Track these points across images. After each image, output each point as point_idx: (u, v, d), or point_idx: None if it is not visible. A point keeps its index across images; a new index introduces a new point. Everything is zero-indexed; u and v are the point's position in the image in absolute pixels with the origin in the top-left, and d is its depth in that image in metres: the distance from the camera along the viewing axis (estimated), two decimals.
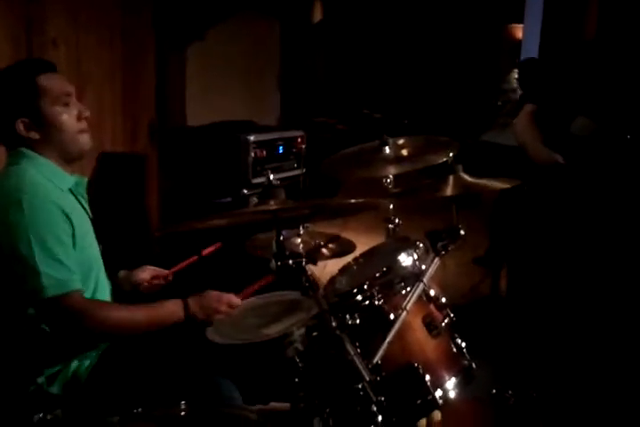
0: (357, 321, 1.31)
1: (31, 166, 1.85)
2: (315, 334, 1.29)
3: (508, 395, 1.80)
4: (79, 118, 1.92)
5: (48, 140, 1.87)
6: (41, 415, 1.06)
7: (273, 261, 1.28)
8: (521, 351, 2.88)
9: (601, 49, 2.89)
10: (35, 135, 1.86)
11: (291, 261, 1.26)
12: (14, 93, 1.86)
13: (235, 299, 1.98)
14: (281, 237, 1.30)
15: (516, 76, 4.65)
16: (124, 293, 2.12)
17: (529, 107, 2.95)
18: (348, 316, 1.30)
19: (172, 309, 1.91)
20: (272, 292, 2.07)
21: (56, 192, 1.86)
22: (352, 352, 1.23)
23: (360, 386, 1.21)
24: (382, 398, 1.20)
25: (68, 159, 1.94)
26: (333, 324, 1.25)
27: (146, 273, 2.19)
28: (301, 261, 1.27)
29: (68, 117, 1.89)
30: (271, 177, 1.55)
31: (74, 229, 1.85)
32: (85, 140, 1.94)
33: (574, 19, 3.62)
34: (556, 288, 3.17)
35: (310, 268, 2.07)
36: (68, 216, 1.83)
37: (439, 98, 5.99)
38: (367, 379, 1.20)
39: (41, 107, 1.85)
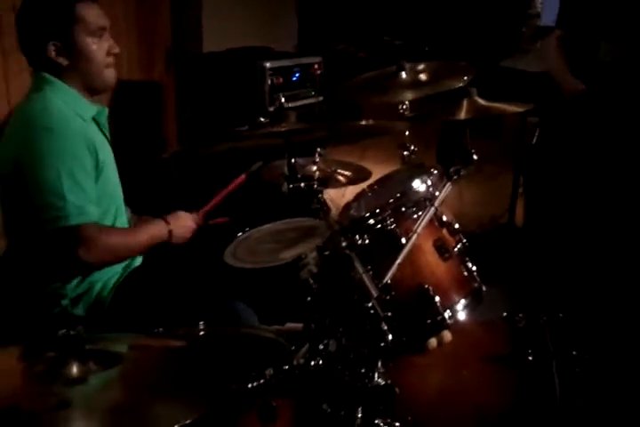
0: (367, 241, 1.34)
1: (54, 94, 1.86)
2: (326, 253, 1.31)
3: (518, 318, 1.83)
4: (108, 53, 1.93)
5: (75, 69, 1.89)
6: (64, 331, 1.11)
7: (285, 185, 1.30)
8: (533, 276, 2.92)
9: None
10: (63, 61, 1.87)
11: (302, 184, 1.28)
12: (51, 16, 1.86)
13: (200, 218, 2.07)
14: (292, 160, 1.31)
15: (541, 0, 4.49)
16: None
17: (557, 32, 2.87)
18: (357, 236, 1.33)
19: (156, 231, 1.98)
20: (289, 218, 2.11)
21: (80, 123, 1.88)
22: (361, 271, 1.26)
23: (369, 304, 1.25)
24: (389, 314, 1.23)
25: (92, 91, 1.95)
26: (343, 244, 1.28)
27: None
28: (313, 184, 1.29)
29: (98, 50, 1.90)
30: (282, 100, 1.55)
31: (98, 161, 1.88)
32: (111, 75, 1.96)
33: None
34: (572, 218, 3.17)
35: (329, 195, 2.10)
36: (92, 147, 1.87)
37: (461, 24, 5.82)
38: (375, 295, 1.24)
39: (74, 34, 1.86)
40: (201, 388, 1.17)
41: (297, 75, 3.49)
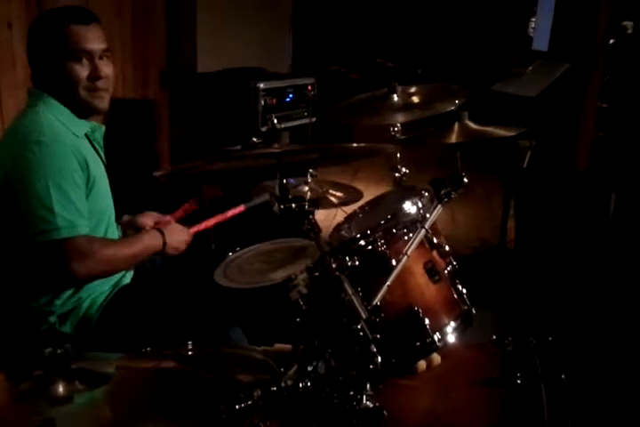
0: (357, 263, 1.34)
1: (47, 110, 1.87)
2: (316, 274, 1.31)
3: (507, 341, 1.83)
4: (90, 77, 1.88)
5: (57, 91, 1.89)
6: (51, 349, 1.10)
7: (276, 205, 1.31)
8: (523, 300, 2.93)
9: None
10: (46, 82, 1.88)
11: (294, 205, 1.28)
12: (41, 36, 1.87)
13: (191, 235, 2.06)
14: (284, 181, 1.32)
15: (533, 25, 4.56)
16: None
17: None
18: (347, 258, 1.33)
19: (150, 241, 1.97)
20: (279, 238, 2.11)
21: (72, 138, 1.88)
22: (350, 292, 1.26)
23: (358, 326, 1.25)
24: (378, 336, 1.23)
25: (79, 113, 1.93)
26: (333, 265, 1.28)
27: (149, 219, 2.22)
28: (304, 205, 1.29)
29: (77, 73, 1.87)
30: (275, 121, 1.56)
31: (89, 177, 1.88)
32: (94, 99, 1.91)
33: None
34: (562, 241, 3.19)
35: (321, 216, 2.11)
36: (83, 163, 1.86)
37: (454, 47, 5.88)
38: (364, 317, 1.24)
39: (53, 56, 1.85)
40: (188, 408, 1.17)
41: (290, 96, 3.52)
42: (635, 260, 2.95)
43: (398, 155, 2.12)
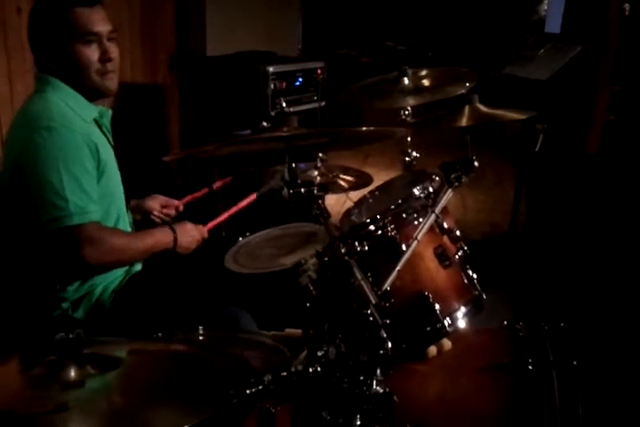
0: (366, 248, 1.33)
1: (56, 95, 1.86)
2: (325, 259, 1.31)
3: (519, 326, 1.82)
4: (100, 59, 1.89)
5: (67, 75, 1.88)
6: (63, 335, 1.10)
7: (285, 190, 1.30)
8: (535, 285, 2.91)
9: None
10: (54, 67, 1.87)
11: (303, 190, 1.27)
12: (46, 20, 1.86)
13: (205, 232, 2.05)
14: (293, 165, 1.31)
15: (545, 7, 4.50)
16: (136, 222, 2.16)
17: None
18: (357, 243, 1.32)
19: (162, 237, 1.96)
20: (289, 223, 2.11)
21: (81, 123, 1.87)
22: (360, 277, 1.26)
23: (368, 311, 1.24)
24: (388, 321, 1.22)
25: (87, 96, 1.93)
26: (342, 250, 1.27)
27: (156, 202, 2.23)
28: (313, 190, 1.28)
29: (86, 56, 1.87)
30: (284, 104, 1.55)
31: (99, 162, 1.88)
32: (107, 81, 1.92)
33: None
34: (573, 226, 3.17)
35: (331, 200, 2.10)
36: (94, 148, 1.86)
37: (466, 30, 5.83)
38: (373, 302, 1.23)
39: (62, 40, 1.85)
40: (199, 393, 1.17)
41: (300, 79, 3.49)
42: None
43: (409, 139, 2.11)
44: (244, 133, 2.96)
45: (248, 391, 1.23)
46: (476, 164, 1.56)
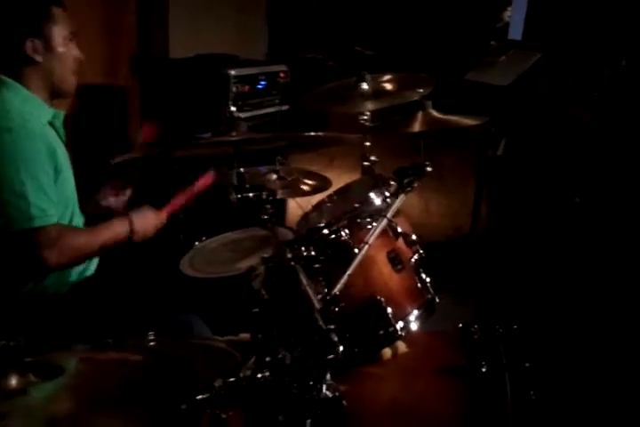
0: (312, 253, 1.34)
1: (12, 96, 1.84)
2: (270, 264, 1.31)
3: (473, 329, 1.84)
4: (75, 59, 1.94)
5: (45, 68, 1.88)
6: (4, 342, 1.08)
7: (233, 194, 1.29)
8: (490, 287, 2.95)
9: None
10: (38, 58, 1.86)
11: (251, 195, 1.27)
12: (30, 13, 1.86)
13: (164, 217, 2.03)
14: (241, 170, 1.31)
15: (509, 13, 4.55)
16: (99, 218, 2.13)
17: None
18: (303, 248, 1.32)
19: (119, 229, 1.95)
20: (245, 228, 2.10)
21: (39, 125, 1.86)
22: (305, 282, 1.26)
23: (313, 317, 1.24)
24: (333, 327, 1.22)
25: (54, 94, 1.94)
26: (288, 255, 1.27)
27: (105, 193, 2.20)
28: (261, 195, 1.28)
29: (70, 53, 1.92)
30: (233, 109, 1.55)
31: (56, 164, 1.86)
32: (74, 81, 1.97)
33: None
34: (533, 229, 3.21)
35: (296, 203, 2.09)
36: (52, 150, 1.85)
37: (432, 35, 5.86)
38: (318, 307, 1.23)
39: (53, 33, 1.87)
40: (147, 400, 1.16)
41: (262, 83, 3.48)
42: (604, 249, 2.98)
43: (367, 143, 2.11)
44: (204, 136, 2.95)
45: (198, 397, 1.22)
46: (428, 168, 1.58)
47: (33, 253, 1.77)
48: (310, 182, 2.28)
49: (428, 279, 1.72)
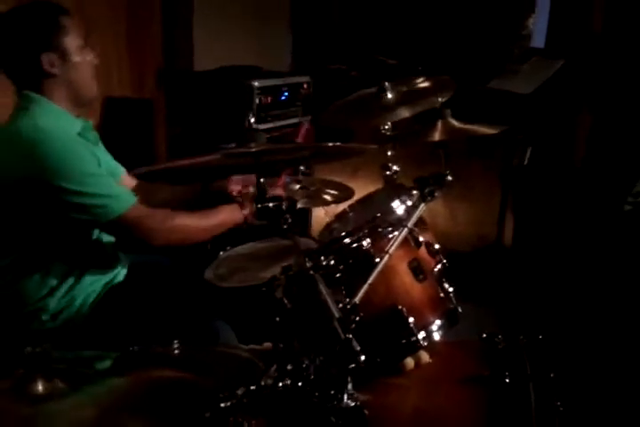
0: (332, 262, 1.34)
1: (40, 110, 1.87)
2: (290, 273, 1.32)
3: (497, 339, 1.83)
4: (92, 64, 1.96)
5: (65, 80, 1.90)
6: (31, 348, 1.11)
7: (253, 204, 1.31)
8: (516, 298, 2.92)
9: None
10: (56, 71, 1.88)
11: (271, 205, 1.28)
12: (40, 27, 1.88)
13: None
14: (261, 180, 1.32)
15: (533, 21, 4.54)
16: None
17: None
18: (323, 257, 1.33)
19: (230, 215, 1.96)
20: (269, 237, 2.11)
21: (72, 135, 1.89)
22: (324, 292, 1.26)
23: (332, 326, 1.24)
24: (350, 336, 1.23)
25: (78, 103, 1.96)
26: (308, 264, 1.28)
27: (235, 185, 2.20)
28: (281, 205, 1.29)
29: (87, 59, 1.93)
30: (252, 120, 1.57)
31: (99, 162, 1.93)
32: (95, 86, 1.99)
33: None
34: (559, 239, 3.18)
35: (321, 213, 2.10)
36: (90, 151, 1.91)
37: (455, 44, 5.84)
38: (337, 316, 1.24)
39: (66, 44, 1.88)
40: (171, 407, 1.17)
41: (285, 94, 3.51)
42: (632, 260, 2.94)
43: (389, 153, 2.12)
44: (228, 147, 2.97)
45: (222, 405, 1.23)
46: (448, 178, 1.58)
47: (135, 237, 1.84)
48: (333, 192, 2.29)
49: (450, 289, 1.71)
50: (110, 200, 1.80)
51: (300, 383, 1.27)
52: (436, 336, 1.61)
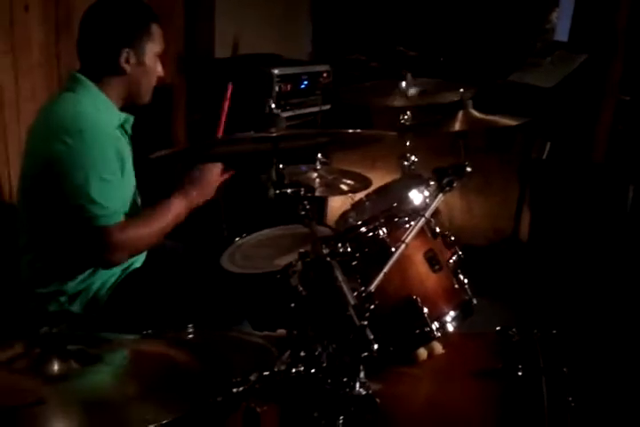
0: (349, 249, 1.34)
1: (86, 98, 1.89)
2: (307, 260, 1.32)
3: (511, 332, 1.82)
4: (158, 76, 2.01)
5: (130, 79, 1.94)
6: (46, 329, 1.12)
7: (271, 190, 1.31)
8: (530, 291, 2.91)
9: None
10: (127, 68, 1.92)
11: (289, 191, 1.28)
12: (133, 25, 1.93)
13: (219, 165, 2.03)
14: (280, 166, 1.32)
15: (556, 14, 4.49)
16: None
17: None
18: (339, 244, 1.33)
19: (177, 207, 1.96)
20: (285, 225, 2.12)
21: (110, 127, 1.93)
22: (340, 278, 1.26)
23: (347, 313, 1.24)
24: (365, 323, 1.23)
25: (127, 103, 2.00)
26: (325, 251, 1.28)
27: None
28: (300, 191, 1.29)
29: (157, 69, 1.99)
30: (272, 106, 1.57)
31: (122, 165, 1.93)
32: (150, 95, 2.03)
33: None
34: (576, 234, 3.16)
35: (337, 204, 2.10)
36: (119, 152, 1.92)
37: (477, 36, 5.80)
38: (352, 303, 1.24)
39: (147, 48, 1.94)
40: (183, 390, 1.18)
41: (305, 82, 3.50)
42: None
43: (408, 143, 2.11)
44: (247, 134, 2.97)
45: (234, 390, 1.24)
46: (468, 169, 1.57)
47: (95, 252, 1.85)
48: (350, 182, 2.29)
49: (466, 281, 1.71)
50: (103, 211, 1.80)
51: (312, 370, 1.27)
52: (450, 327, 1.61)
